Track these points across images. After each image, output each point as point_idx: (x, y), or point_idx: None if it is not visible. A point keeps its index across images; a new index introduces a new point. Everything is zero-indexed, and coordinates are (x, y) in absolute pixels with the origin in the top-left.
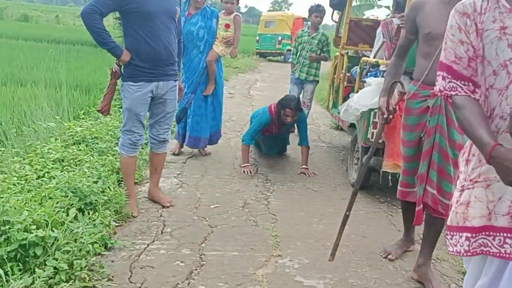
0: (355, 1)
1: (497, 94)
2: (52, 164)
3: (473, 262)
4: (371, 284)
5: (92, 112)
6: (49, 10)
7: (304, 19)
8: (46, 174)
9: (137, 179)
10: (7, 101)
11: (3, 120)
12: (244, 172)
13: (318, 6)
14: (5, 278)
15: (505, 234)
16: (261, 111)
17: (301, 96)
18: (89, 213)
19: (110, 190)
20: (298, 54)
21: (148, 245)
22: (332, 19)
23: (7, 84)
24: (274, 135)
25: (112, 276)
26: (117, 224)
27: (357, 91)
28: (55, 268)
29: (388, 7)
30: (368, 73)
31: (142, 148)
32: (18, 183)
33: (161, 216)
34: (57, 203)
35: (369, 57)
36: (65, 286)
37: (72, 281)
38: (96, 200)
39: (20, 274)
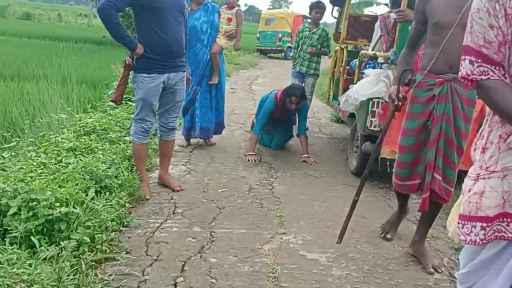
0: None
1: None
2: (66, 152)
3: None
4: (369, 258)
5: (98, 106)
6: (50, 9)
7: (304, 16)
8: (62, 160)
9: (148, 166)
10: (17, 95)
11: (16, 112)
12: (248, 160)
13: (318, 2)
14: (33, 250)
15: None
16: (268, 97)
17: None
18: (105, 194)
19: (123, 175)
20: (299, 49)
21: (161, 223)
22: (332, 15)
23: (14, 80)
24: (276, 120)
25: (130, 250)
26: (131, 206)
27: (356, 83)
28: (78, 241)
29: (386, 5)
30: (367, 65)
31: (151, 139)
32: (36, 169)
33: (172, 198)
34: (76, 185)
35: (367, 50)
36: (88, 256)
37: (94, 253)
38: (110, 184)
39: (47, 246)
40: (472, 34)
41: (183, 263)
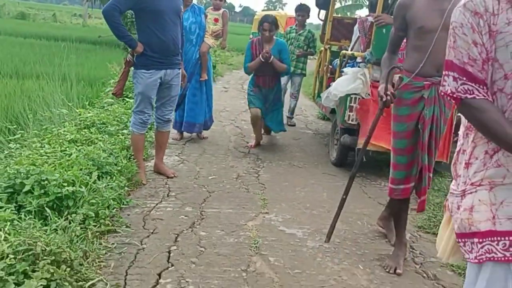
0: (345, 1)
1: (506, 99)
2: (68, 143)
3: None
4: (341, 233)
5: (96, 103)
6: (45, 8)
7: (295, 18)
8: (66, 150)
9: (144, 157)
10: (17, 92)
11: (19, 107)
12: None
13: (301, 5)
14: (45, 222)
15: (510, 238)
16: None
17: (289, 87)
18: (106, 178)
19: (122, 163)
20: None
21: (156, 204)
22: (319, 18)
23: (13, 78)
24: (262, 75)
25: (129, 224)
26: (129, 189)
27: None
28: (84, 215)
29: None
30: (347, 65)
31: (147, 132)
32: (42, 156)
33: (166, 184)
34: (81, 169)
35: (347, 50)
36: (94, 227)
37: (98, 225)
38: (111, 170)
39: (57, 219)
40: (455, 50)
41: (176, 235)
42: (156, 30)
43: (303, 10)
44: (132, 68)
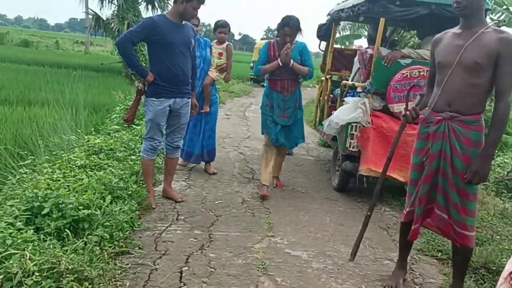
0: (344, 31)
1: None
2: (78, 169)
3: None
4: (344, 256)
5: (101, 130)
6: (47, 36)
7: None
8: (78, 175)
9: (153, 182)
10: (25, 118)
11: (29, 133)
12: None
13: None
14: (62, 242)
15: None
16: (262, 51)
17: None
18: (118, 202)
19: (132, 187)
20: None
21: (167, 227)
22: (319, 48)
23: (19, 104)
24: (280, 79)
25: (142, 246)
26: (140, 213)
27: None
28: (99, 236)
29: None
30: (347, 94)
31: (157, 155)
32: (57, 182)
33: (175, 208)
34: (94, 193)
35: (348, 80)
36: (109, 248)
37: (113, 246)
38: (121, 194)
39: (75, 240)
40: None
41: (187, 257)
42: (166, 61)
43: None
44: (144, 96)
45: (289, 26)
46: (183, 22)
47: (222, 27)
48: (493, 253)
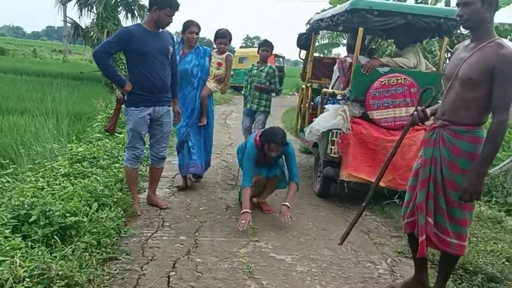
0: (323, 39)
1: None
2: (62, 177)
3: None
4: (327, 259)
5: (82, 138)
6: (24, 44)
7: (276, 55)
8: (63, 183)
9: (137, 189)
10: (4, 127)
11: (9, 142)
12: (241, 225)
13: (265, 41)
14: (51, 250)
15: None
16: (246, 145)
17: (253, 125)
18: (104, 209)
19: (117, 195)
20: (249, 87)
21: (152, 233)
22: (300, 57)
23: None
24: (263, 165)
25: (129, 252)
26: (126, 220)
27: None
28: (87, 243)
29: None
30: (328, 102)
31: (141, 163)
32: (43, 190)
33: (160, 215)
34: (80, 201)
35: (327, 88)
36: (97, 254)
37: (101, 253)
38: (107, 201)
39: (61, 248)
40: None
41: (174, 262)
42: (144, 70)
43: (267, 46)
44: (124, 105)
45: (275, 142)
46: (160, 30)
47: (222, 37)
48: (470, 254)
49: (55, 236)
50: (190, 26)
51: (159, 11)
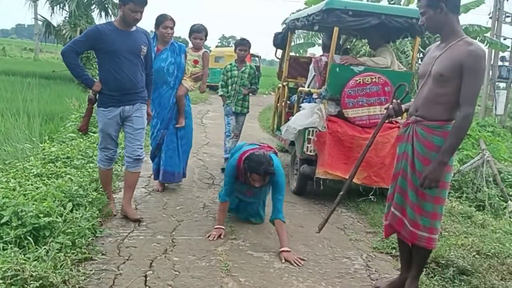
0: (298, 39)
1: None
2: (34, 177)
3: None
4: (304, 255)
5: (56, 138)
6: None
7: (252, 55)
8: (36, 183)
9: (112, 189)
10: None
11: None
12: (211, 236)
13: (242, 39)
14: (24, 251)
15: None
16: (234, 154)
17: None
18: (79, 209)
19: (92, 195)
20: (230, 88)
21: (129, 233)
22: (276, 56)
23: None
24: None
25: (105, 252)
26: (101, 220)
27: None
28: (61, 244)
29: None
30: (304, 100)
31: (116, 163)
32: (14, 190)
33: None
34: (54, 201)
35: (304, 87)
36: (72, 254)
37: (76, 253)
38: (81, 201)
39: (35, 249)
40: None
41: (151, 261)
42: (112, 69)
43: (245, 45)
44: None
45: (258, 173)
46: (133, 28)
47: (197, 32)
48: (442, 248)
49: (28, 237)
50: (164, 21)
51: (123, 7)
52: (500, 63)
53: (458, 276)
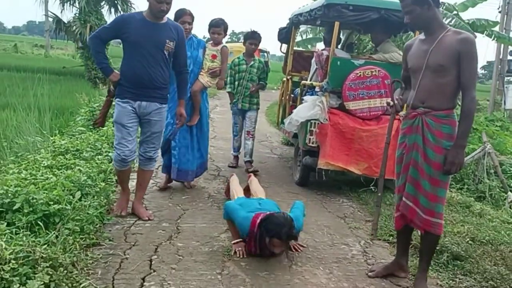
0: (306, 34)
1: None
2: (44, 169)
3: None
4: (303, 242)
5: (66, 132)
6: (4, 39)
7: (261, 50)
8: (47, 174)
9: None
10: None
11: None
12: (238, 252)
13: (253, 33)
14: (35, 236)
15: None
16: (244, 216)
17: (244, 125)
18: (88, 198)
19: (100, 185)
20: (237, 84)
21: (135, 221)
22: (281, 51)
23: None
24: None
25: (112, 238)
26: (108, 208)
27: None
28: (70, 230)
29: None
30: (306, 93)
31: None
32: (26, 180)
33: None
34: (63, 190)
35: (307, 81)
36: (81, 240)
37: (84, 239)
38: (90, 191)
39: (45, 233)
40: None
41: (156, 247)
42: (132, 62)
43: (255, 38)
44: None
45: (280, 237)
46: (164, 20)
47: (215, 26)
48: None
49: (39, 223)
50: (182, 16)
51: None
52: (509, 57)
53: (451, 262)
